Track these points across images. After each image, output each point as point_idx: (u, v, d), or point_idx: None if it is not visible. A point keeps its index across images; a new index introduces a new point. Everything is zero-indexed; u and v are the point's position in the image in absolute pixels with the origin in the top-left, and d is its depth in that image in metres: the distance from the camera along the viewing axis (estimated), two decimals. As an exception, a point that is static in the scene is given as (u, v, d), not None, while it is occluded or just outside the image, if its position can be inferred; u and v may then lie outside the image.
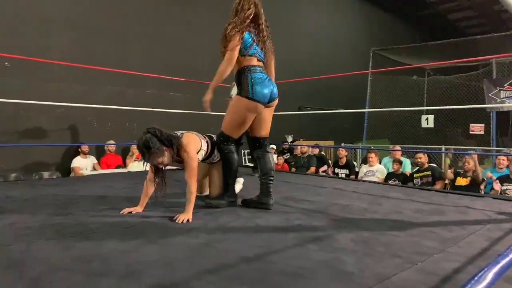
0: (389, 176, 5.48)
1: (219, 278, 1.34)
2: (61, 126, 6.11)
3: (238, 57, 2.48)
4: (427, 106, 9.44)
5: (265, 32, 2.56)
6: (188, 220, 2.13)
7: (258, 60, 2.54)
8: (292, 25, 10.15)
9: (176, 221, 2.11)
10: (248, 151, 9.00)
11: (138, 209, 2.35)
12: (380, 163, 6.00)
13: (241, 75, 2.50)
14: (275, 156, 8.37)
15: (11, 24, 5.56)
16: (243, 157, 8.63)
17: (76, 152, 6.03)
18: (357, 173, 6.07)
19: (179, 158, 2.32)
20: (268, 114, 2.65)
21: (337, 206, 2.67)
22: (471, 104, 7.56)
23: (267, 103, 2.54)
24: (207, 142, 2.56)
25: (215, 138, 2.66)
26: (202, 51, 7.42)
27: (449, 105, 7.18)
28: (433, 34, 13.35)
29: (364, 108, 8.97)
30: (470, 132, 7.96)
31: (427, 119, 7.05)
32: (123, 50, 6.74)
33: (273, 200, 2.57)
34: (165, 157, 2.22)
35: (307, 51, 10.56)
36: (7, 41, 5.34)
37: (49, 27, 5.99)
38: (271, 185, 2.58)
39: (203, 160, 2.60)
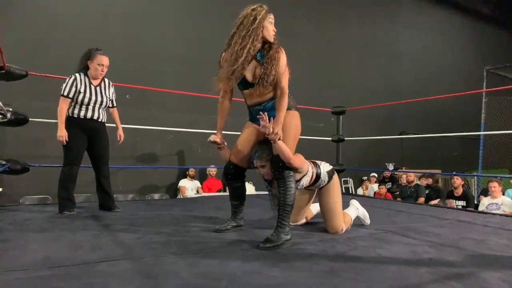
0: (519, 210, 4.71)
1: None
2: (170, 151, 6.63)
3: None
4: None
5: None
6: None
7: None
8: (391, 48, 9.77)
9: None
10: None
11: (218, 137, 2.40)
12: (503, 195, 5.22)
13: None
14: (375, 185, 7.91)
15: (128, 59, 6.29)
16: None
17: (184, 175, 6.47)
18: (476, 206, 5.36)
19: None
20: None
21: (470, 240, 2.33)
22: None
23: None
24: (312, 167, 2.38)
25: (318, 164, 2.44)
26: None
27: None
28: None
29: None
30: None
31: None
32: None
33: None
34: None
35: (409, 74, 10.01)
36: (127, 75, 5.96)
37: (162, 61, 6.65)
38: None
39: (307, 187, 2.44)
